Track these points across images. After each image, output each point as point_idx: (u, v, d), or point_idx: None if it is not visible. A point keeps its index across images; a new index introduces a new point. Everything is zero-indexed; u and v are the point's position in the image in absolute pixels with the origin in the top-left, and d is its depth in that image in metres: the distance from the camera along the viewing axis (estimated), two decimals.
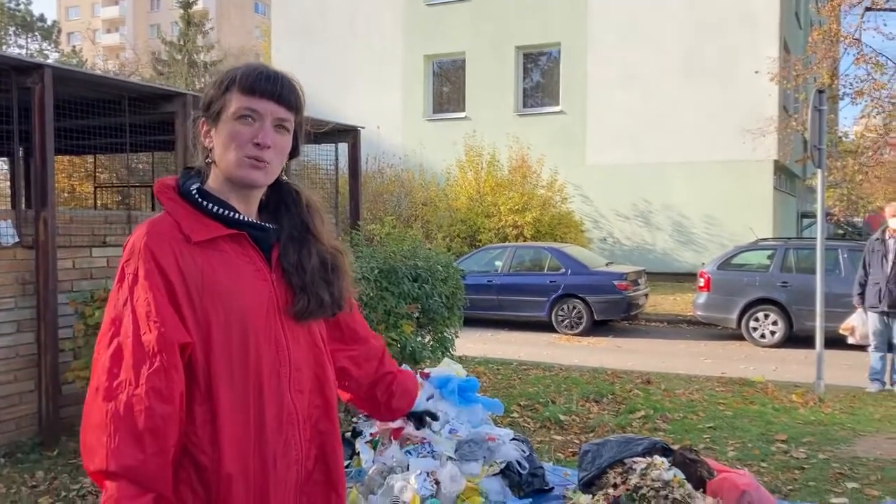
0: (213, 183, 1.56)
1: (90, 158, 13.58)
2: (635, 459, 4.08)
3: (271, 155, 1.52)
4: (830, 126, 18.64)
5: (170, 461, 1.39)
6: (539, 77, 22.14)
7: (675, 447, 4.34)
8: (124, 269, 1.46)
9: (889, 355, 7.77)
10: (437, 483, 4.11)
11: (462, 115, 21.79)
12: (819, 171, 7.32)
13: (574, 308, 12.30)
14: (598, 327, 12.49)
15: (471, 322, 8.31)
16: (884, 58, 16.49)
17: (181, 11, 39.89)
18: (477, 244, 16.19)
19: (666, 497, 3.71)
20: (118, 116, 6.72)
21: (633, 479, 3.90)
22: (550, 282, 12.47)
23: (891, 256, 7.63)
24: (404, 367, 2.02)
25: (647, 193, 19.80)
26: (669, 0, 19.33)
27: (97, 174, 13.87)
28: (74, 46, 56.46)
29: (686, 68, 19.14)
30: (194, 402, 1.44)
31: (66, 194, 14.44)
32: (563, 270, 12.55)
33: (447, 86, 23.08)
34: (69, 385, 5.62)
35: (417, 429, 2.04)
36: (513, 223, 16.59)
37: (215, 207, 1.52)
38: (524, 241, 15.89)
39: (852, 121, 45.46)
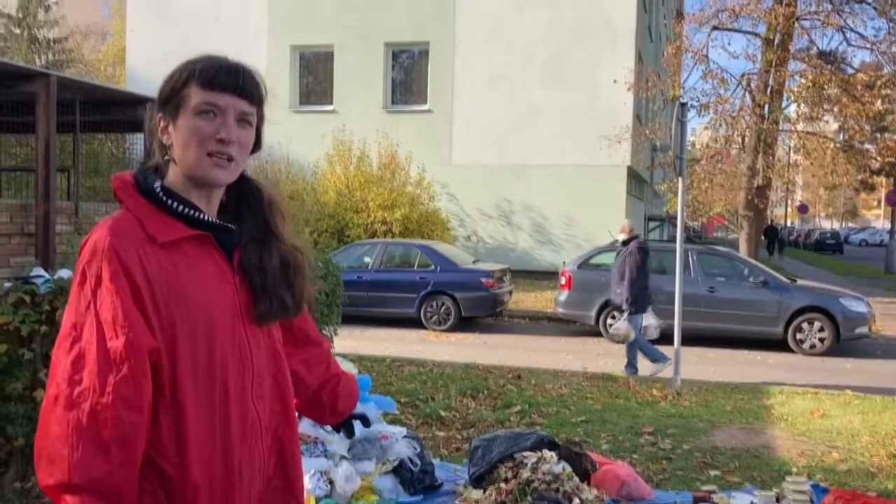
0: (173, 180, 1.49)
1: None
2: (525, 454, 4.24)
3: (235, 151, 1.47)
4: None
5: (136, 472, 1.33)
6: (407, 74, 22.25)
7: (561, 441, 4.55)
8: (85, 270, 1.37)
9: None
10: (331, 482, 4.09)
11: (330, 107, 21.55)
12: (680, 178, 7.81)
13: (443, 304, 12.49)
14: (464, 323, 12.74)
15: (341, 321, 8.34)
16: (728, 74, 17.83)
17: None
18: (345, 240, 16.09)
19: (557, 490, 3.88)
20: None
21: (525, 473, 4.04)
22: (420, 278, 12.60)
23: (617, 264, 9.03)
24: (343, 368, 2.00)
25: (510, 194, 20.38)
26: (534, 8, 19.97)
27: None
28: None
29: (548, 74, 19.84)
30: (159, 410, 1.38)
31: None
32: (433, 267, 12.71)
33: (314, 77, 22.74)
34: None
35: (348, 437, 2.02)
36: (382, 219, 16.60)
37: (180, 206, 1.46)
38: (393, 237, 15.96)
39: (692, 131, 48.73)
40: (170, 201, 1.46)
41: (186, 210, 1.46)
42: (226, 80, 1.46)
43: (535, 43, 19.93)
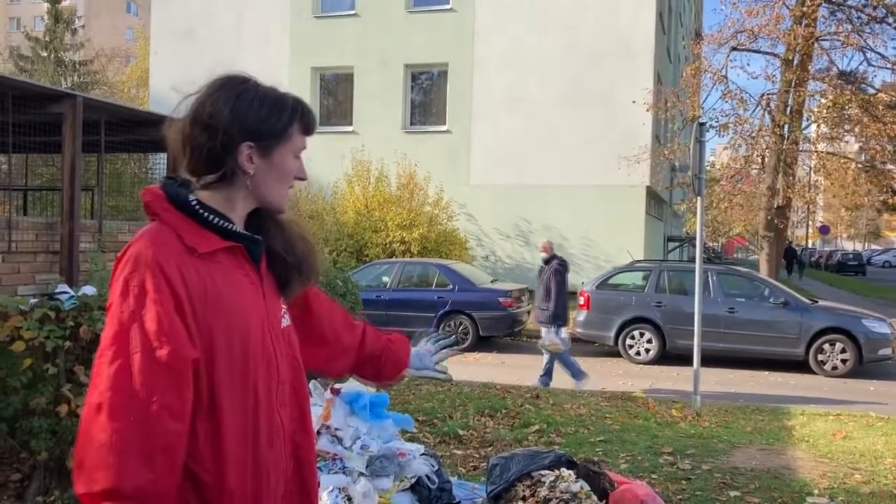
0: (206, 197, 1.52)
1: None
2: (542, 472, 4.23)
3: None
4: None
5: (178, 480, 1.36)
6: (426, 95, 22.43)
7: (579, 460, 4.53)
8: (128, 281, 1.38)
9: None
10: (350, 499, 4.10)
11: (349, 128, 21.76)
12: (699, 198, 7.80)
13: (460, 324, 12.50)
14: (482, 343, 12.72)
15: None
16: (747, 95, 17.81)
17: (47, 6, 37.72)
18: (364, 259, 16.17)
19: None
20: None
21: (543, 492, 4.03)
22: (438, 298, 12.63)
23: (543, 281, 9.54)
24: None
25: (528, 214, 20.40)
26: (551, 30, 20.09)
27: None
28: None
29: (566, 95, 19.92)
30: (196, 418, 1.40)
31: None
32: (451, 287, 12.73)
33: (334, 99, 22.98)
34: None
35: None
36: (400, 239, 16.68)
37: (215, 219, 1.50)
38: (411, 256, 16.01)
39: (712, 151, 48.56)
40: (206, 214, 1.49)
41: (220, 222, 1.50)
42: (314, 126, 1.61)
43: (554, 64, 20.03)
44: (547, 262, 9.63)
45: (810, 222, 56.55)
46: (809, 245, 60.85)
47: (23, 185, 10.71)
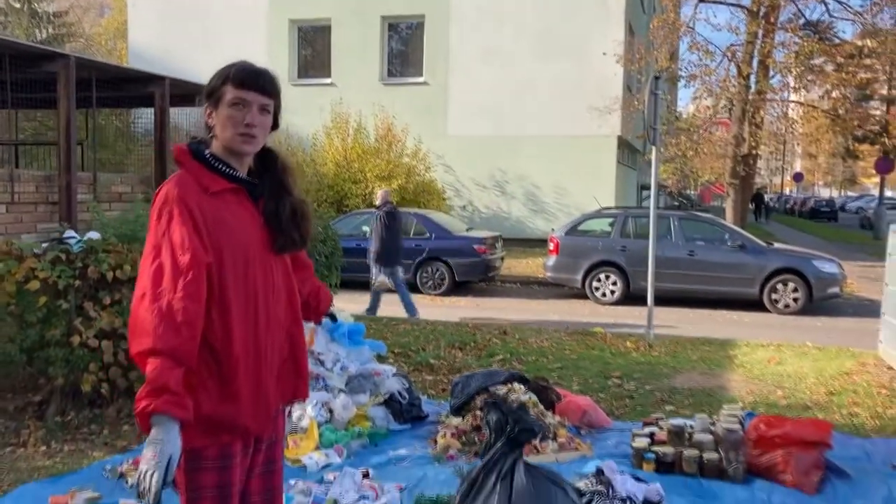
0: (215, 150, 2.12)
1: None
2: (497, 387, 4.90)
3: (258, 131, 2.10)
4: (669, 106, 20.48)
5: (197, 346, 1.95)
6: (403, 47, 22.69)
7: (531, 377, 5.19)
8: (161, 210, 1.99)
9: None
10: (331, 411, 4.75)
11: (328, 80, 22.02)
12: (654, 147, 8.38)
13: (437, 270, 13.12)
14: (458, 288, 13.36)
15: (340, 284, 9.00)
16: (713, 46, 18.28)
17: None
18: (344, 209, 16.67)
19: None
20: None
21: None
22: (416, 246, 13.19)
23: (373, 226, 10.40)
24: None
25: (504, 164, 20.92)
26: None
27: None
28: None
29: (541, 47, 20.28)
30: (211, 306, 2.00)
31: None
32: (428, 235, 13.31)
33: (312, 50, 23.18)
34: None
35: (333, 321, 2.71)
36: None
37: (222, 167, 2.10)
38: None
39: (688, 101, 49.05)
40: (216, 163, 2.10)
41: (226, 169, 2.11)
42: (251, 81, 2.09)
43: (528, 15, 20.34)
44: (378, 208, 10.43)
45: (789, 169, 57.34)
46: (786, 192, 61.70)
47: (13, 140, 11.08)
